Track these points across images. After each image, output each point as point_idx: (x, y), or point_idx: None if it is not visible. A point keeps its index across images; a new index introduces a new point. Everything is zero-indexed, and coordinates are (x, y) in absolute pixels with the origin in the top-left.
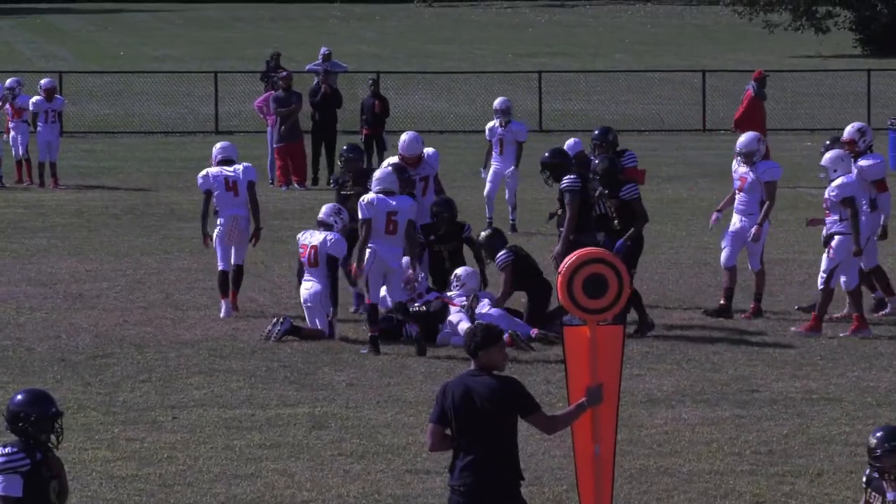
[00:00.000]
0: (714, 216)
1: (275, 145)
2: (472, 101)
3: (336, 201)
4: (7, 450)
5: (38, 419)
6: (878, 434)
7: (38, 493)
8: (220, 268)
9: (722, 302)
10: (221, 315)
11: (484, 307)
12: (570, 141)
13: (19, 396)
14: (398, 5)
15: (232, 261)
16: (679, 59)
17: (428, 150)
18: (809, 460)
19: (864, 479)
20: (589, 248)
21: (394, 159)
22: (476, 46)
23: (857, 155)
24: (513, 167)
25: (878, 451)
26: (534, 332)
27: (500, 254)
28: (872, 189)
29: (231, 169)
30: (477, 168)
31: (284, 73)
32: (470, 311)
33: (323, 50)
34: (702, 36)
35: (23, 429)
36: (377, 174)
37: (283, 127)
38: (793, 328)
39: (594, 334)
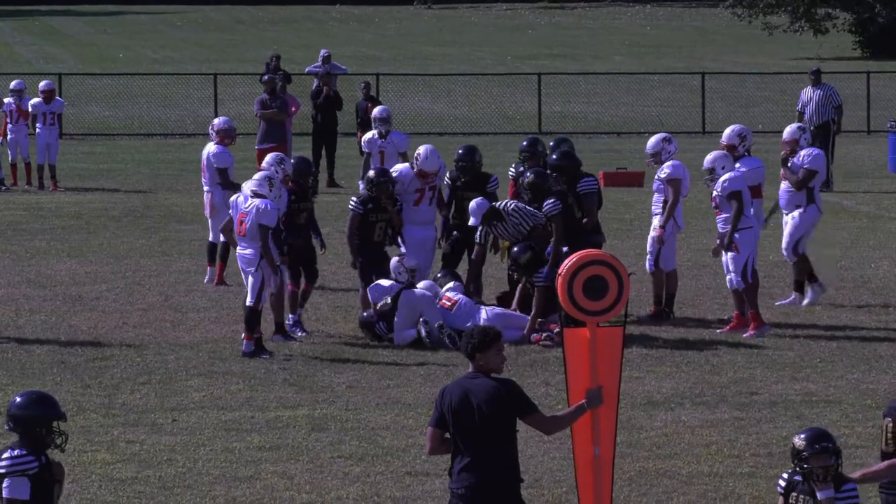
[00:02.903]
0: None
1: (256, 147)
2: (472, 104)
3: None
4: (15, 452)
5: (49, 420)
6: (804, 436)
7: (43, 497)
8: (210, 238)
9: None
10: (205, 280)
11: (457, 294)
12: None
13: (21, 399)
14: (398, 7)
15: (221, 237)
16: (678, 62)
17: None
18: None
19: (782, 484)
20: (590, 249)
21: (403, 166)
22: (475, 49)
23: (737, 159)
24: None
25: (807, 453)
26: (535, 337)
27: (548, 200)
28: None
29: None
30: None
31: (266, 77)
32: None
33: (323, 52)
34: (701, 38)
35: (36, 431)
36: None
37: (266, 129)
38: (744, 334)
39: (594, 336)
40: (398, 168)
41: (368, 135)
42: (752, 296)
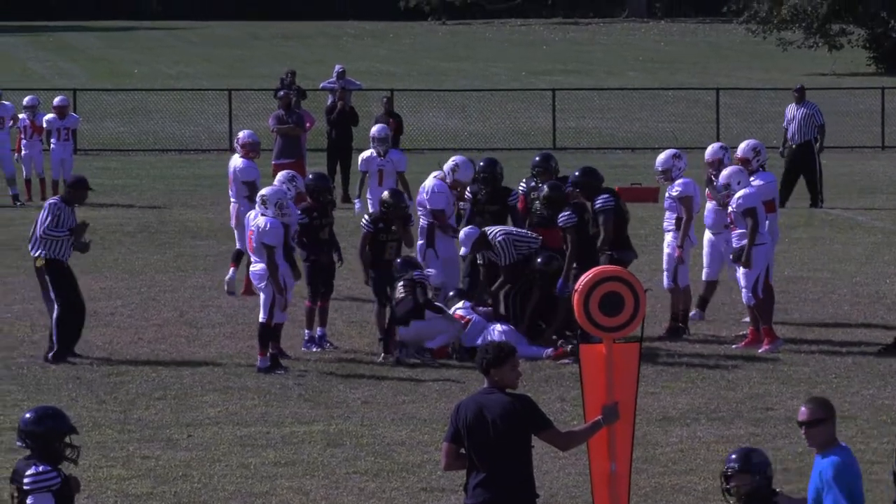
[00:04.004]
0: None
1: (273, 162)
2: (486, 119)
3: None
4: (40, 468)
5: (63, 434)
6: (731, 455)
7: None
8: (237, 246)
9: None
10: (226, 278)
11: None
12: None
13: (33, 415)
14: (412, 23)
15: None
16: (693, 77)
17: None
18: None
19: None
20: (607, 266)
21: (435, 181)
22: (490, 64)
23: (751, 173)
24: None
25: (728, 472)
26: (548, 351)
27: (563, 213)
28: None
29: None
30: None
31: (282, 93)
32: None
33: (337, 68)
34: (715, 54)
35: (52, 446)
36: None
37: (282, 145)
38: (759, 350)
39: (610, 352)
40: (431, 183)
41: (366, 153)
42: (764, 311)
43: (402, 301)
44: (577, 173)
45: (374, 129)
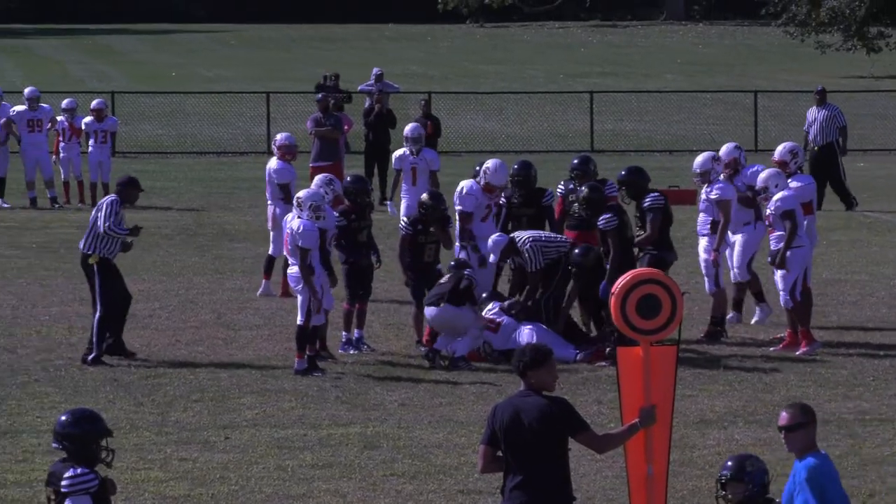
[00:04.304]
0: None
1: (310, 164)
2: (524, 122)
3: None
4: (78, 471)
5: (100, 436)
6: (728, 464)
7: None
8: (269, 251)
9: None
10: (258, 293)
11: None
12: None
13: (69, 417)
14: (450, 26)
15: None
16: (730, 80)
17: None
18: (862, 481)
19: None
20: (644, 268)
21: (469, 182)
22: (527, 67)
23: (788, 175)
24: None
25: (722, 480)
26: (580, 355)
27: (604, 215)
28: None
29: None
30: None
31: (320, 96)
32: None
33: (375, 70)
34: (753, 56)
35: (90, 449)
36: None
37: (320, 147)
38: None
39: (647, 355)
40: (465, 184)
41: (399, 152)
42: (801, 314)
43: (441, 285)
44: (623, 172)
45: (408, 128)
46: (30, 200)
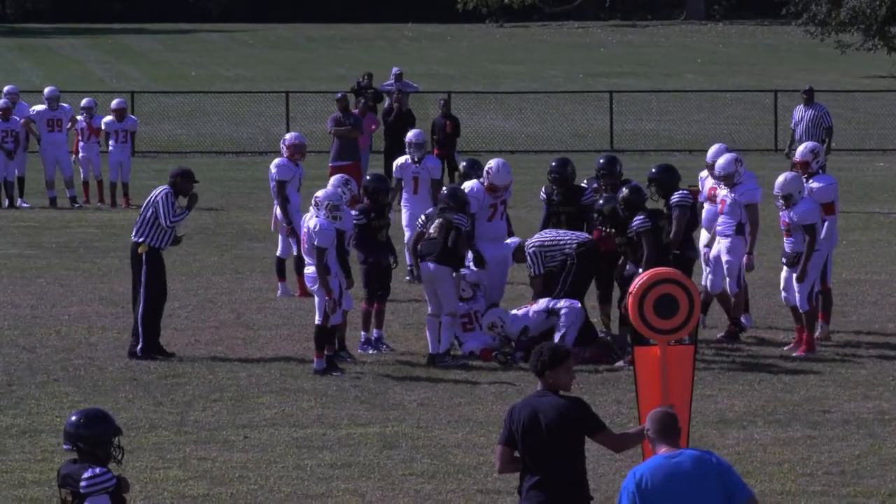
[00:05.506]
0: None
1: (330, 164)
2: (544, 122)
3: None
4: (97, 471)
5: (112, 436)
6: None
7: None
8: (277, 253)
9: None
10: (278, 294)
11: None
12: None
13: (80, 417)
14: (470, 25)
15: (294, 251)
16: (750, 79)
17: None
18: (881, 481)
19: None
20: (662, 268)
21: (473, 183)
22: (547, 66)
23: (810, 176)
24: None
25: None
26: (584, 353)
27: (637, 217)
28: (822, 212)
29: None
30: None
31: (339, 95)
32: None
33: (395, 70)
34: (773, 56)
35: (104, 449)
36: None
37: (339, 147)
38: (793, 353)
39: (665, 354)
40: (469, 185)
41: (401, 160)
42: (813, 320)
43: (431, 241)
44: (654, 169)
45: (412, 134)
46: (49, 200)
